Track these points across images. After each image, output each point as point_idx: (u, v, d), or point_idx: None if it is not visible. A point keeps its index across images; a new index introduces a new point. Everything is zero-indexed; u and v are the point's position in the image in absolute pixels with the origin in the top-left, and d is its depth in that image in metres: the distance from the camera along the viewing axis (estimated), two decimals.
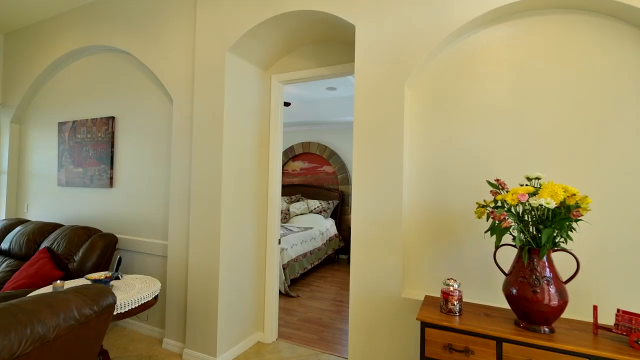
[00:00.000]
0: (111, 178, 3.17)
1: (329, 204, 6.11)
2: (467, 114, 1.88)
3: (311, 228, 5.38)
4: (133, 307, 1.94)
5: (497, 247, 1.41)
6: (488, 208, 1.48)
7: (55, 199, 3.60)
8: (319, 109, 5.41)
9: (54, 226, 3.11)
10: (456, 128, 1.90)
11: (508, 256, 1.75)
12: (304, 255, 4.72)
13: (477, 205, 1.58)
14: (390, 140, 1.91)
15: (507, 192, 1.42)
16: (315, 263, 5.02)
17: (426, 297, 1.73)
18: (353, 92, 4.53)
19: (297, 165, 6.82)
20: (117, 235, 3.08)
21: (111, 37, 3.07)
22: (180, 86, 2.68)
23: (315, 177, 6.63)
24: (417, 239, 1.98)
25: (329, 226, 5.82)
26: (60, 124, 3.55)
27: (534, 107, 1.74)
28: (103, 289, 1.44)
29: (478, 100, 1.85)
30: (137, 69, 3.08)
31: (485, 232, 1.45)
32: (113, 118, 3.18)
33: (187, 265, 2.58)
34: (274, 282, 2.83)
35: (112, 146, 3.18)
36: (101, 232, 2.91)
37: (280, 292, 3.98)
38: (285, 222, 5.93)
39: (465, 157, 1.87)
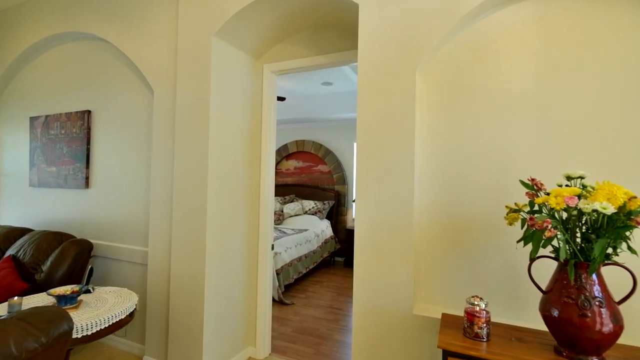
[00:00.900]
0: (87, 178, 2.88)
1: (324, 204, 5.86)
2: (486, 103, 1.64)
3: (306, 230, 5.13)
4: (102, 327, 1.67)
5: (532, 259, 1.18)
6: (522, 213, 1.25)
7: (26, 201, 3.28)
8: (313, 105, 5.15)
9: (23, 231, 2.81)
10: (474, 119, 1.67)
11: (539, 267, 1.52)
12: (299, 259, 4.46)
13: (507, 210, 1.35)
14: (399, 133, 1.67)
15: (545, 194, 1.19)
16: (311, 267, 4.77)
17: (444, 315, 1.49)
18: (350, 87, 4.27)
19: (291, 164, 6.56)
20: (93, 241, 2.79)
21: (87, 23, 2.77)
22: (162, 75, 2.40)
23: (310, 177, 6.37)
24: (429, 245, 1.74)
25: (324, 227, 5.57)
26: (32, 119, 3.24)
27: (565, 96, 1.51)
28: (56, 314, 1.18)
29: (500, 88, 1.62)
30: (115, 58, 2.79)
31: (518, 241, 1.22)
32: (89, 112, 2.89)
33: (170, 273, 2.31)
34: (266, 289, 2.57)
35: (88, 143, 2.89)
36: (74, 237, 2.62)
37: (273, 299, 3.72)
38: (278, 224, 5.66)
39: (484, 151, 1.64)
